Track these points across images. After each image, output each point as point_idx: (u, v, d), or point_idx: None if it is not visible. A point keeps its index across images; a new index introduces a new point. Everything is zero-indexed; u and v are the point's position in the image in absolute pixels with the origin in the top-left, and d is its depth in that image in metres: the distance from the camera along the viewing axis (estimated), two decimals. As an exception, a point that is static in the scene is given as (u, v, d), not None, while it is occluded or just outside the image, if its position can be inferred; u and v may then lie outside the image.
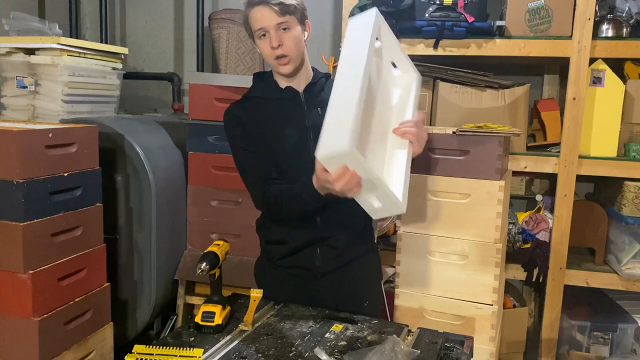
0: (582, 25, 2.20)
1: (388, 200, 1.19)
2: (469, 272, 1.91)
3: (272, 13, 1.44)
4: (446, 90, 2.41)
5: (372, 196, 1.18)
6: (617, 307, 2.55)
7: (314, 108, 1.54)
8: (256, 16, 1.46)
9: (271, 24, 1.45)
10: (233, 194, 2.40)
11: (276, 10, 1.44)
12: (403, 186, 1.25)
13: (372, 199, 1.19)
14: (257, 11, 1.46)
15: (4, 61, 2.41)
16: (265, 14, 1.44)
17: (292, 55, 1.48)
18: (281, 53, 1.46)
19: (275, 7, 1.44)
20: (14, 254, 1.63)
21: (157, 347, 1.26)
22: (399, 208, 1.20)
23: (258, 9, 1.45)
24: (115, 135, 2.23)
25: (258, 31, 1.47)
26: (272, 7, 1.44)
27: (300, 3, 1.50)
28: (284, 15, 1.45)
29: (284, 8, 1.45)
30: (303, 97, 1.55)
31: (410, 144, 1.34)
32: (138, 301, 2.34)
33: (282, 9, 1.44)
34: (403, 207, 1.20)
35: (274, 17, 1.44)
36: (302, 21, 1.51)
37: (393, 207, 1.21)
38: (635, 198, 2.25)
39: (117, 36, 3.47)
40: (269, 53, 1.48)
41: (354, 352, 1.25)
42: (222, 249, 1.45)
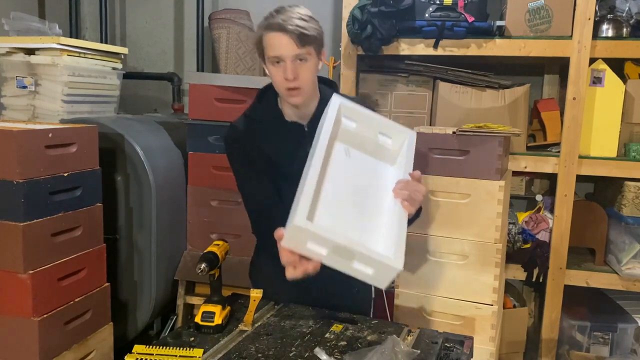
0: (582, 25, 2.20)
1: (376, 263, 1.14)
2: (469, 272, 1.91)
3: (291, 43, 1.34)
4: (446, 90, 2.41)
5: (358, 264, 1.15)
6: (617, 307, 2.55)
7: None
8: (273, 42, 1.36)
9: (289, 54, 1.35)
10: (233, 194, 2.40)
11: (296, 41, 1.34)
12: (394, 246, 1.18)
13: (361, 266, 1.15)
14: (275, 37, 1.36)
15: (4, 61, 2.41)
16: (283, 43, 1.35)
17: (306, 87, 1.41)
18: (295, 85, 1.39)
19: (296, 36, 1.34)
20: (14, 254, 1.63)
21: (157, 347, 1.26)
22: (392, 267, 1.13)
23: (276, 35, 1.35)
24: (115, 135, 2.23)
25: (272, 58, 1.38)
26: (292, 36, 1.34)
27: (319, 32, 1.42)
28: (303, 46, 1.36)
29: (304, 39, 1.35)
30: (307, 129, 1.51)
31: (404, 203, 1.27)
32: (138, 301, 2.34)
33: (302, 39, 1.35)
34: (397, 264, 1.13)
35: (293, 48, 1.35)
36: (319, 51, 1.43)
37: (385, 268, 1.14)
38: (635, 198, 2.25)
39: (117, 36, 3.47)
40: (281, 82, 1.40)
41: (354, 352, 1.25)
42: (222, 249, 1.45)
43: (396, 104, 2.57)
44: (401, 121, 2.36)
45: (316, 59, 1.43)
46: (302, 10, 1.40)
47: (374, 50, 2.37)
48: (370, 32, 2.30)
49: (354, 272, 1.17)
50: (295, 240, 1.14)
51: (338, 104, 1.36)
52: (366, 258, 1.15)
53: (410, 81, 2.55)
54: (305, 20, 1.37)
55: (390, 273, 1.15)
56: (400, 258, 1.17)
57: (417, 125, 2.39)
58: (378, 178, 1.39)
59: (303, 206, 1.14)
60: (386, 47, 2.40)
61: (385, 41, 2.36)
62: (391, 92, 2.57)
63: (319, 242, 1.14)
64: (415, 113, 2.55)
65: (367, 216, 1.29)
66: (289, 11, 1.37)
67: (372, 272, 1.15)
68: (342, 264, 1.16)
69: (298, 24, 1.34)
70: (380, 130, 1.42)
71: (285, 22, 1.34)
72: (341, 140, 1.37)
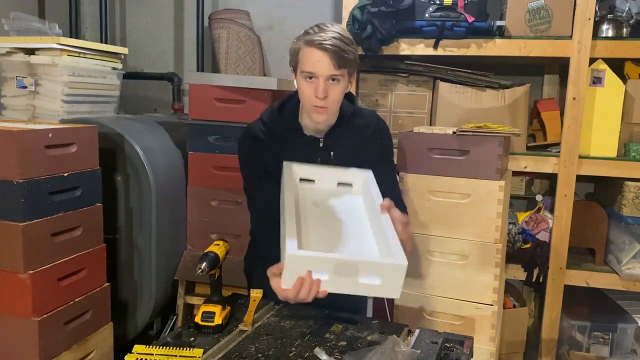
0: (582, 25, 2.20)
1: (381, 268, 1.15)
2: (469, 272, 1.91)
3: (329, 63, 1.35)
4: (446, 90, 2.41)
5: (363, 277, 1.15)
6: (617, 307, 2.55)
7: (328, 151, 1.53)
8: (310, 59, 1.36)
9: (324, 73, 1.36)
10: (233, 194, 2.40)
11: (334, 61, 1.34)
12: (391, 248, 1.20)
13: (367, 279, 1.15)
14: (314, 54, 1.35)
15: (4, 61, 2.41)
16: (322, 61, 1.35)
17: (332, 108, 1.43)
18: (323, 105, 1.39)
19: (335, 57, 1.34)
20: (14, 254, 1.63)
21: (157, 347, 1.26)
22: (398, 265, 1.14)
23: (315, 52, 1.35)
24: (115, 135, 2.23)
25: (306, 73, 1.38)
26: (331, 56, 1.34)
27: (356, 57, 1.42)
28: (339, 68, 1.36)
29: (342, 61, 1.36)
30: (322, 144, 1.52)
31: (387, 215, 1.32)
32: (138, 301, 2.34)
33: (340, 61, 1.35)
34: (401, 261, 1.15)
35: (330, 68, 1.35)
36: (351, 74, 1.44)
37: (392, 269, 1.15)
38: (635, 198, 2.25)
39: (117, 36, 3.47)
40: (310, 98, 1.40)
41: (354, 352, 1.25)
42: (222, 249, 1.45)
43: (396, 104, 2.57)
44: (401, 121, 2.38)
45: (347, 81, 1.43)
46: (343, 31, 1.40)
47: (374, 50, 2.37)
48: (370, 32, 2.30)
49: (362, 289, 1.17)
50: (294, 274, 1.14)
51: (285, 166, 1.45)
52: (370, 266, 1.15)
53: (410, 81, 2.55)
54: (346, 43, 1.37)
55: (398, 273, 1.15)
56: (402, 255, 1.18)
57: (417, 125, 2.40)
58: (352, 207, 1.44)
59: (291, 240, 1.16)
60: (386, 47, 2.40)
61: (385, 41, 2.36)
62: (391, 92, 2.57)
63: (318, 266, 1.14)
64: (415, 113, 2.55)
65: (354, 238, 1.32)
66: (331, 30, 1.37)
67: (380, 281, 1.15)
68: (348, 284, 1.15)
69: (339, 46, 1.35)
70: (339, 181, 1.51)
71: (326, 42, 1.34)
72: (306, 198, 1.45)
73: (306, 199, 1.45)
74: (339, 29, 1.40)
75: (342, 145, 1.53)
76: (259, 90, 2.30)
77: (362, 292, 1.19)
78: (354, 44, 1.42)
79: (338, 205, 1.46)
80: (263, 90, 2.30)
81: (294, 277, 1.15)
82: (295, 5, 3.11)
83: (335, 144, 1.53)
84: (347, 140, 1.54)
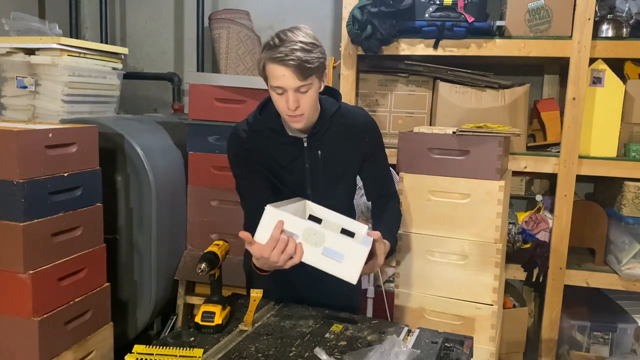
0: (582, 25, 2.20)
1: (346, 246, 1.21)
2: (469, 272, 1.91)
3: (293, 77, 1.33)
4: (446, 90, 2.41)
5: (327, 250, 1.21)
6: (617, 307, 2.55)
7: (314, 150, 1.53)
8: (275, 73, 1.35)
9: (291, 86, 1.35)
10: (233, 194, 2.37)
11: (298, 75, 1.33)
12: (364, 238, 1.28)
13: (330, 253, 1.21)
14: (277, 69, 1.34)
15: (4, 61, 2.41)
16: (286, 75, 1.34)
17: (308, 113, 1.42)
18: (297, 114, 1.40)
19: (298, 70, 1.33)
20: (14, 254, 1.63)
21: (157, 347, 1.26)
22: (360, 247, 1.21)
23: (278, 67, 1.34)
24: (115, 135, 2.23)
25: (275, 87, 1.38)
26: (293, 70, 1.33)
27: (322, 60, 1.39)
28: (305, 79, 1.35)
29: (306, 72, 1.34)
30: (306, 143, 1.52)
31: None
32: (138, 301, 2.34)
33: (304, 72, 1.33)
34: (365, 244, 1.21)
35: (295, 81, 1.34)
36: (320, 76, 1.42)
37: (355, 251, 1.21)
38: (635, 198, 2.25)
39: (117, 36, 3.47)
40: (284, 110, 1.40)
41: (354, 352, 1.25)
42: (222, 249, 1.45)
43: (396, 104, 2.57)
44: (401, 121, 2.38)
45: (318, 84, 1.43)
46: (304, 37, 1.36)
47: (373, 50, 2.37)
48: (370, 32, 2.30)
49: (324, 262, 1.24)
50: (268, 229, 1.22)
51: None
52: (336, 239, 1.23)
53: (410, 81, 2.55)
54: (308, 50, 1.34)
55: (359, 256, 1.22)
56: (368, 244, 1.25)
57: (417, 125, 2.40)
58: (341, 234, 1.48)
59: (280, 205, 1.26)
60: (386, 47, 2.40)
61: (385, 41, 2.36)
62: (391, 92, 2.57)
63: (290, 226, 1.23)
64: (415, 113, 2.55)
65: None
66: (291, 41, 1.33)
67: (342, 259, 1.22)
68: (313, 254, 1.23)
69: (300, 57, 1.32)
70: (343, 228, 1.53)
71: (287, 56, 1.32)
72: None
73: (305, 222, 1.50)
74: (301, 35, 1.35)
75: (328, 144, 1.53)
76: (259, 90, 2.30)
77: (323, 266, 1.24)
78: (318, 46, 1.38)
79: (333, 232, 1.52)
80: (263, 90, 2.30)
81: (268, 233, 1.23)
82: (295, 5, 3.11)
83: (320, 143, 1.53)
84: (332, 138, 1.53)
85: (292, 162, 1.54)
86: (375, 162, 1.62)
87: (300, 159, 1.53)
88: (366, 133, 1.59)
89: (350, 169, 1.60)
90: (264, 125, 1.53)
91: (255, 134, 1.54)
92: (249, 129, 1.55)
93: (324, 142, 1.53)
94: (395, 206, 1.68)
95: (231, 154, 1.58)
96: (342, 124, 1.55)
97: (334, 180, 1.58)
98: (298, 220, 1.24)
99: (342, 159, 1.56)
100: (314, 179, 1.55)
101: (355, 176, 1.65)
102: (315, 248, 1.23)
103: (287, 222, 1.23)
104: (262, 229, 1.24)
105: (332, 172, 1.56)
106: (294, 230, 1.23)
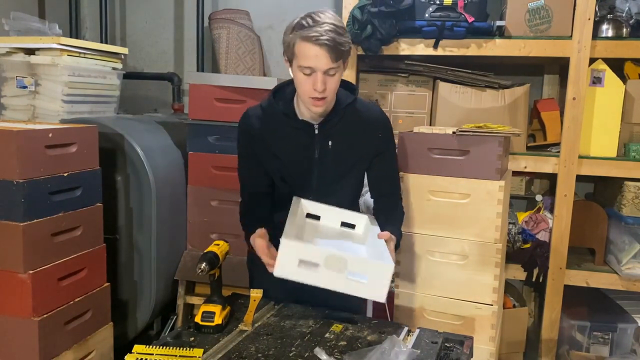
0: (582, 25, 2.20)
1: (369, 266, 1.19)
2: (469, 272, 1.91)
3: (327, 57, 1.34)
4: (446, 90, 2.41)
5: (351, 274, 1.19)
6: (617, 307, 2.55)
7: (325, 140, 1.52)
8: (308, 53, 1.35)
9: (322, 67, 1.35)
10: (233, 194, 2.39)
11: (332, 56, 1.34)
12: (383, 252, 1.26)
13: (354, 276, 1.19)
14: (311, 49, 1.34)
15: (4, 61, 2.41)
16: (319, 56, 1.34)
17: (330, 97, 1.43)
18: (322, 96, 1.40)
19: (332, 52, 1.33)
20: (14, 254, 1.63)
21: (157, 347, 1.26)
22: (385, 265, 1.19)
23: (312, 47, 1.33)
24: (115, 135, 2.23)
25: (304, 67, 1.37)
26: (329, 50, 1.33)
27: (350, 42, 1.41)
28: (337, 61, 1.36)
29: (339, 54, 1.35)
30: (317, 130, 1.51)
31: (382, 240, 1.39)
32: (138, 301, 2.34)
33: (337, 55, 1.35)
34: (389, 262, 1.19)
35: (328, 62, 1.35)
36: (346, 62, 1.43)
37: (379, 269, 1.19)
38: (635, 198, 2.25)
39: (117, 36, 3.47)
40: (308, 91, 1.40)
41: (354, 352, 1.25)
42: (222, 249, 1.45)
43: (396, 104, 2.57)
44: (401, 121, 2.39)
45: (343, 69, 1.43)
46: (336, 20, 1.37)
47: (373, 50, 2.37)
48: (370, 32, 2.30)
49: (349, 286, 1.20)
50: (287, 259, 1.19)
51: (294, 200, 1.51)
52: (359, 263, 1.19)
53: (410, 81, 2.55)
54: (340, 33, 1.36)
55: (385, 274, 1.18)
56: (390, 259, 1.22)
57: (417, 125, 2.40)
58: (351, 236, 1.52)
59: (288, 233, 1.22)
60: (386, 47, 2.40)
61: (385, 41, 2.36)
62: (391, 92, 2.57)
63: (310, 256, 1.19)
64: (415, 113, 2.55)
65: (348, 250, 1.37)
66: (325, 22, 1.34)
67: (367, 279, 1.18)
68: (337, 279, 1.19)
69: (335, 38, 1.33)
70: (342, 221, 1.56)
71: (322, 36, 1.32)
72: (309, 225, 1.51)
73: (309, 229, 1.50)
74: (333, 18, 1.37)
75: (340, 135, 1.52)
76: (259, 90, 2.30)
77: (349, 289, 1.21)
78: (347, 31, 1.41)
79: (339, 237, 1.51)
80: (263, 90, 2.30)
81: (287, 263, 1.19)
82: (295, 5, 3.09)
83: (331, 132, 1.52)
84: (345, 130, 1.53)
85: (301, 151, 1.53)
86: (385, 159, 1.61)
87: (310, 148, 1.52)
88: (379, 129, 1.58)
89: (359, 163, 1.59)
90: (277, 108, 1.52)
91: (269, 118, 1.54)
92: (262, 112, 1.55)
93: (336, 133, 1.52)
94: (399, 204, 1.67)
95: (239, 134, 1.59)
96: (356, 117, 1.54)
97: (341, 175, 1.57)
98: (317, 249, 1.21)
99: (352, 153, 1.55)
100: (321, 172, 1.54)
101: (363, 174, 1.64)
102: (338, 274, 1.19)
103: (307, 253, 1.19)
104: (281, 262, 1.20)
105: (340, 165, 1.55)
106: (315, 259, 1.19)
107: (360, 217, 1.57)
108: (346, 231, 1.56)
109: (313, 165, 1.53)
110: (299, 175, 1.56)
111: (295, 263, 1.18)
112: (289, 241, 1.19)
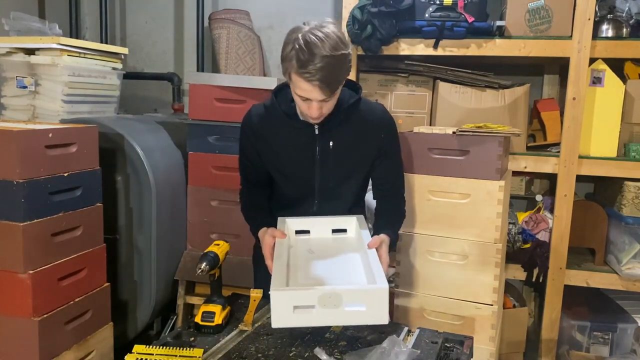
0: (582, 25, 2.20)
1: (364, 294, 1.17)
2: (469, 272, 1.91)
3: (320, 93, 1.32)
4: (446, 90, 2.41)
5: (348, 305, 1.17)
6: (617, 307, 2.55)
7: (326, 140, 1.51)
8: (301, 86, 1.33)
9: (317, 99, 1.35)
10: (233, 194, 2.38)
11: (326, 91, 1.32)
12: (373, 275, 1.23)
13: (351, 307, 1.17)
14: (304, 84, 1.31)
15: (4, 61, 2.41)
16: (314, 92, 1.32)
17: (328, 113, 1.44)
18: (318, 119, 1.43)
19: (327, 88, 1.31)
20: (14, 254, 1.63)
21: (157, 347, 1.26)
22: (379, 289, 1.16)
23: (306, 84, 1.31)
24: (115, 135, 2.23)
25: (300, 95, 1.37)
26: (322, 88, 1.31)
27: (349, 64, 1.37)
28: (332, 93, 1.35)
29: (334, 87, 1.34)
30: (317, 130, 1.51)
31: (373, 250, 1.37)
32: (138, 301, 2.34)
33: (332, 89, 1.33)
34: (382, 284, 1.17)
35: (321, 96, 1.34)
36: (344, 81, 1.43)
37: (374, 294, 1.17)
38: (635, 198, 2.25)
39: (117, 36, 3.47)
40: (305, 110, 1.41)
41: (354, 352, 1.25)
42: (222, 249, 1.45)
43: (396, 104, 2.57)
44: (401, 121, 2.39)
45: (340, 89, 1.42)
46: (333, 46, 1.29)
47: (373, 50, 2.37)
48: (370, 32, 2.30)
49: (349, 318, 1.18)
50: (280, 309, 1.16)
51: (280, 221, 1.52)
52: (352, 294, 1.17)
53: (410, 81, 2.55)
54: (336, 65, 1.31)
55: (381, 297, 1.16)
56: (383, 279, 1.19)
57: (417, 125, 2.40)
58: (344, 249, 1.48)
59: (276, 280, 1.20)
60: (386, 47, 2.40)
61: (385, 41, 2.36)
62: (391, 92, 2.57)
63: (303, 300, 1.16)
64: (415, 113, 2.55)
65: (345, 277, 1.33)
66: (320, 56, 1.27)
67: (365, 307, 1.16)
68: (335, 315, 1.17)
69: (330, 77, 1.30)
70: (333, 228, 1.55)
71: (315, 75, 1.28)
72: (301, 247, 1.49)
73: (301, 248, 1.48)
74: (328, 44, 1.28)
75: (341, 136, 1.52)
76: (259, 90, 2.30)
77: (350, 321, 1.20)
78: (346, 52, 1.33)
79: (332, 249, 1.48)
80: (263, 90, 2.30)
81: (281, 312, 1.16)
82: (295, 5, 3.11)
83: (332, 132, 1.51)
84: (346, 130, 1.52)
85: (301, 152, 1.52)
86: (388, 160, 1.60)
87: (311, 148, 1.52)
88: (382, 130, 1.57)
89: (361, 164, 1.58)
90: (278, 107, 1.52)
91: (271, 117, 1.54)
92: (265, 111, 1.56)
93: (337, 133, 1.51)
94: (400, 206, 1.67)
95: (242, 127, 1.60)
96: (358, 118, 1.53)
97: (344, 175, 1.56)
98: (307, 293, 1.17)
99: (355, 153, 1.54)
100: (323, 172, 1.54)
101: (367, 174, 1.63)
102: (335, 310, 1.16)
103: (299, 298, 1.16)
104: (275, 314, 1.16)
105: (342, 165, 1.54)
106: (308, 302, 1.16)
107: (349, 219, 1.55)
108: (339, 238, 1.54)
109: (314, 166, 1.53)
110: (301, 176, 1.55)
111: (290, 310, 1.15)
112: (278, 292, 1.16)
